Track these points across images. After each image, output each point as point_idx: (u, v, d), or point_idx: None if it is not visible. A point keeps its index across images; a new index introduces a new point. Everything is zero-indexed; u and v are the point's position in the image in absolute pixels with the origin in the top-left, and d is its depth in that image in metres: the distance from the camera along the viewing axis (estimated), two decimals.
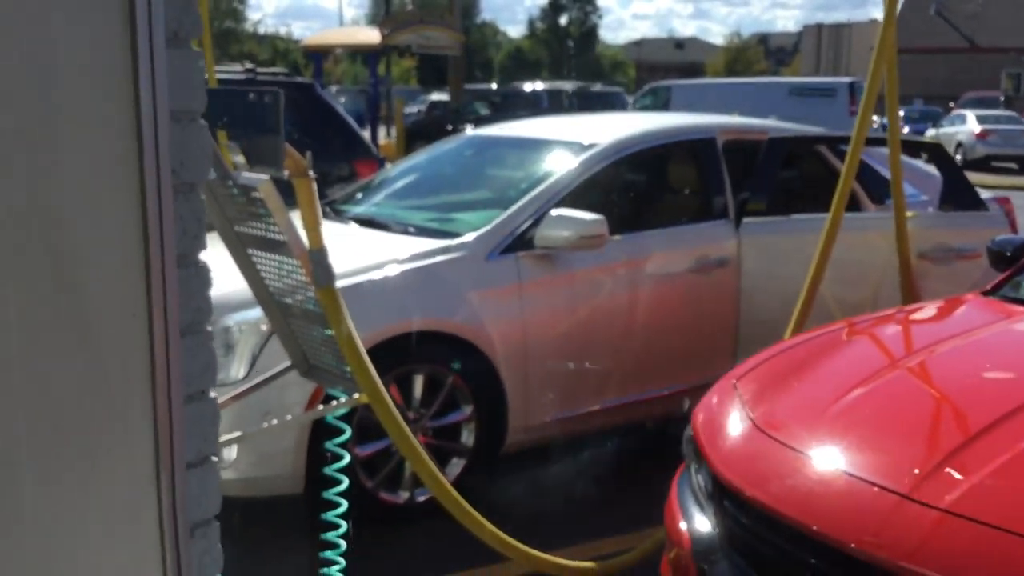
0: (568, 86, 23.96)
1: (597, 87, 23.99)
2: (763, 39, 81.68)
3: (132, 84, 1.19)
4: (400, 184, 5.65)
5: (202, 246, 1.32)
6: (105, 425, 1.23)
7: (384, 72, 23.56)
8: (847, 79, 20.76)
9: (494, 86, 35.99)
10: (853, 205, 5.43)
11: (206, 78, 1.34)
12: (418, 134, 17.46)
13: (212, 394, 1.39)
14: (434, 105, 30.40)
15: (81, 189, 1.18)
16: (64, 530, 1.23)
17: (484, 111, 21.30)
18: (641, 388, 4.72)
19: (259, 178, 2.62)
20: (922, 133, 26.06)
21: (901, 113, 32.26)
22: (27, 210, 1.15)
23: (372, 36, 20.48)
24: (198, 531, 1.35)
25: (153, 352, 1.24)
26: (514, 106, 20.55)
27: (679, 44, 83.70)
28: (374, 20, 48.37)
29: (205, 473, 1.36)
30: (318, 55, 23.07)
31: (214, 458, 1.39)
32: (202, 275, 1.32)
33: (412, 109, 30.69)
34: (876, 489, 2.24)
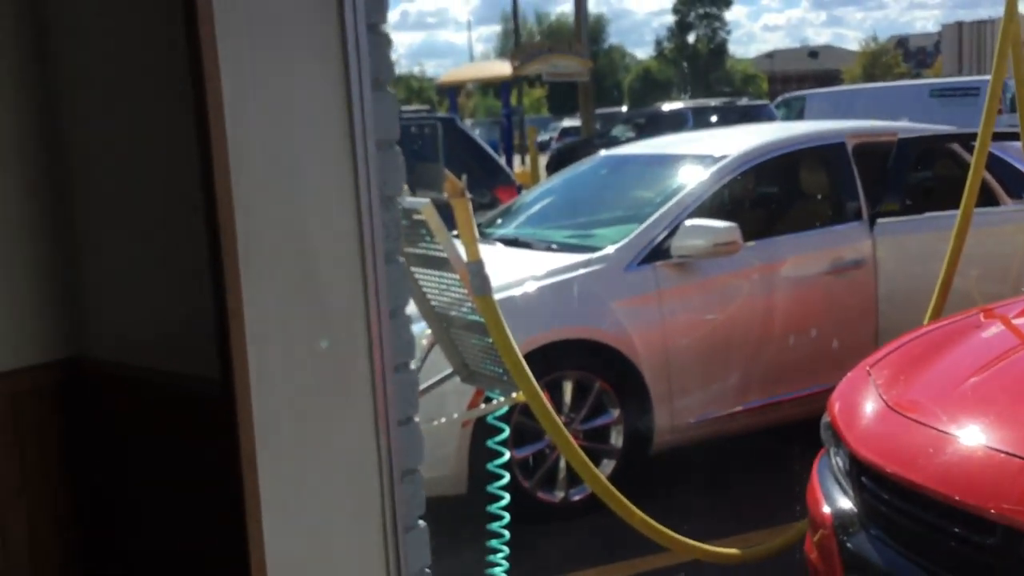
0: (713, 102, 23.41)
1: (743, 101, 23.10)
2: (901, 41, 78.93)
3: (348, 120, 1.54)
4: (539, 206, 5.97)
5: (400, 247, 1.67)
6: (337, 388, 1.58)
7: (516, 102, 24.09)
8: (990, 77, 19.91)
9: (624, 109, 35.98)
10: (990, 200, 5.47)
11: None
12: (565, 161, 17.20)
13: (412, 366, 1.72)
14: (566, 131, 30.76)
15: (315, 203, 1.53)
16: (311, 470, 1.57)
17: (630, 134, 20.39)
18: (783, 389, 4.87)
19: (421, 201, 2.97)
20: None
21: None
22: (281, 221, 1.51)
23: (503, 69, 21.04)
24: (407, 477, 1.68)
25: (369, 330, 1.58)
26: (659, 126, 19.63)
27: (813, 53, 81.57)
28: (503, 53, 49.12)
29: (410, 431, 1.68)
30: (452, 91, 23.82)
31: (416, 418, 1.72)
32: (401, 269, 1.67)
33: (544, 137, 31.11)
34: (1004, 456, 2.39)
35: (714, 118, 20.24)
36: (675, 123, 20.11)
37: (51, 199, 1.82)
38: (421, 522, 1.75)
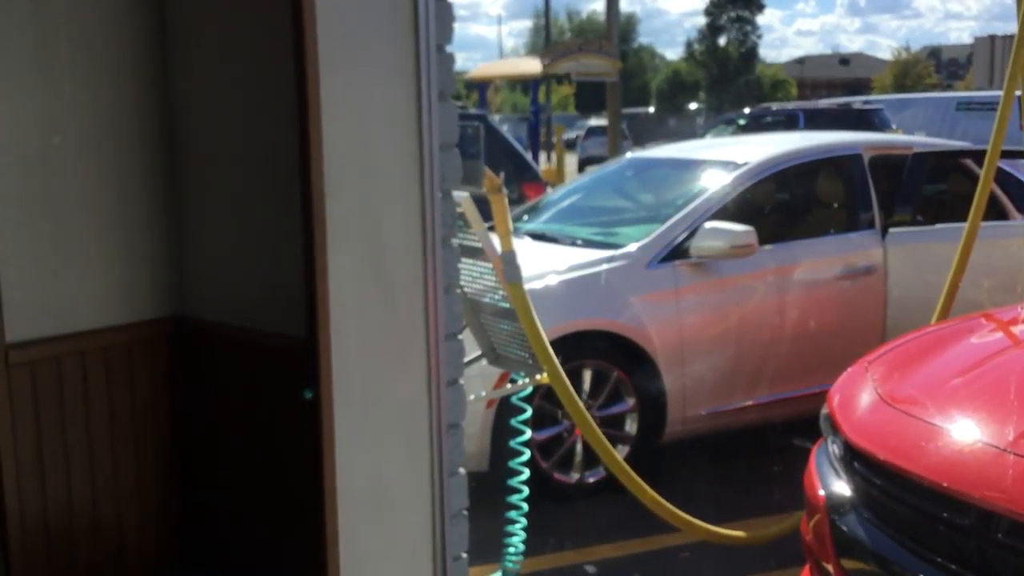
0: (823, 103, 21.47)
1: (857, 104, 21.50)
2: (934, 52, 78.50)
3: (417, 125, 1.82)
4: (566, 203, 6.23)
5: (455, 233, 1.94)
6: (399, 350, 1.85)
7: (544, 99, 24.30)
8: (1018, 92, 19.73)
9: (651, 109, 35.97)
10: (1001, 214, 5.69)
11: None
12: None
13: (460, 336, 1.99)
14: (592, 130, 30.93)
15: (388, 193, 1.81)
16: (375, 417, 1.84)
17: (727, 133, 18.16)
18: (791, 386, 5.10)
19: (460, 194, 3.23)
20: None
21: None
22: (360, 206, 1.78)
23: (533, 66, 21.26)
24: (451, 430, 1.95)
25: (427, 303, 1.86)
26: (762, 126, 17.70)
27: (844, 60, 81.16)
28: (533, 49, 49.24)
29: (456, 391, 1.96)
30: (482, 85, 24.06)
31: (460, 381, 1.99)
32: (455, 252, 1.95)
33: (571, 135, 31.25)
34: (985, 447, 2.62)
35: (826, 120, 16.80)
36: (784, 123, 17.73)
37: (163, 180, 2.12)
38: (461, 469, 2.02)
